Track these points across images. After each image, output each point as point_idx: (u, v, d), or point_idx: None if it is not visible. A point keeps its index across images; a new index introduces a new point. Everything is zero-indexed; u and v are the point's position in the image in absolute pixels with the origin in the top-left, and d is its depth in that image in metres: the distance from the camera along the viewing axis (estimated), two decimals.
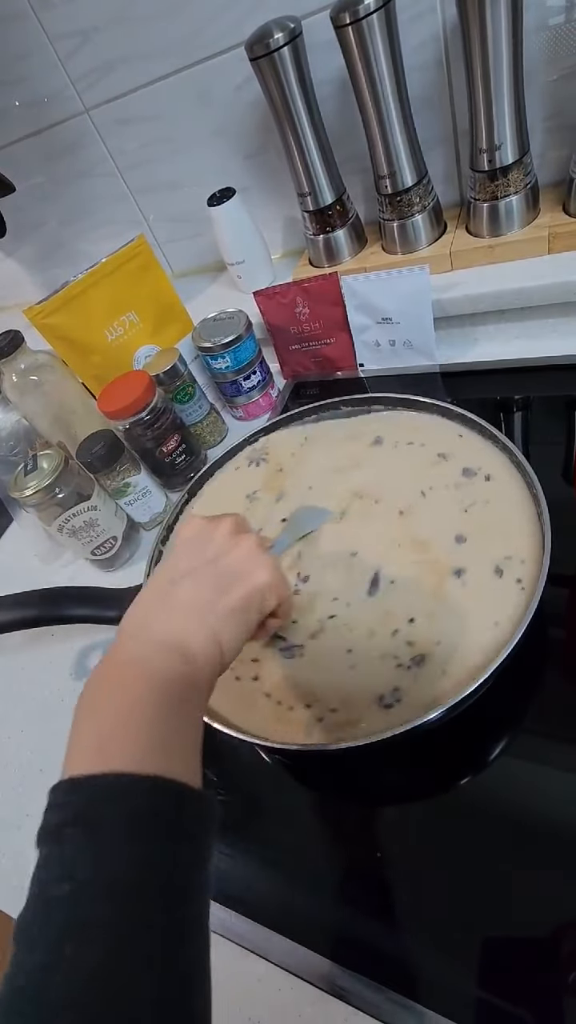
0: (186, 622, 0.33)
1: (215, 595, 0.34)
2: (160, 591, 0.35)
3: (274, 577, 0.37)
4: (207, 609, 0.34)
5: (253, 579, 0.36)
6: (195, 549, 0.37)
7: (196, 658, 0.32)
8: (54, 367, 0.71)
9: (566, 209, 0.63)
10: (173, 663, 0.31)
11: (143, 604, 0.35)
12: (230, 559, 0.36)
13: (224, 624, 0.34)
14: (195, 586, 0.35)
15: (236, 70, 0.70)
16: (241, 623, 0.35)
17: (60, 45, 0.75)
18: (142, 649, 0.32)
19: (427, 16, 0.60)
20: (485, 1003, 0.34)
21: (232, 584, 0.35)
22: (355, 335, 0.72)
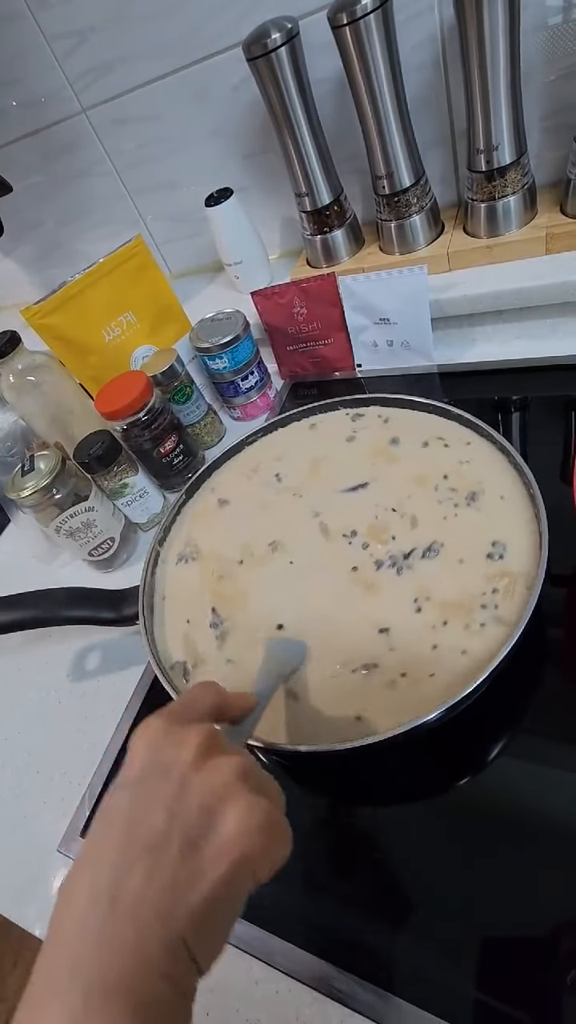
0: (141, 942, 0.22)
1: (183, 883, 0.24)
2: (100, 890, 0.23)
3: (272, 834, 0.26)
4: (169, 914, 0.23)
5: (234, 849, 0.24)
6: (152, 794, 0.26)
7: (158, 1003, 0.22)
8: (51, 367, 0.71)
9: (563, 209, 0.64)
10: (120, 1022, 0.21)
11: (75, 916, 0.23)
12: (200, 808, 0.25)
13: (200, 927, 0.23)
14: (152, 872, 0.23)
15: (233, 70, 0.70)
16: (224, 915, 0.25)
17: (57, 45, 0.75)
18: (70, 1014, 0.21)
19: (424, 16, 0.60)
20: (483, 1004, 0.34)
21: (210, 856, 0.24)
22: (353, 335, 0.72)
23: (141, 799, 0.26)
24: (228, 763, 0.27)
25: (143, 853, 0.24)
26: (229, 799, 0.25)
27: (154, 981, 0.22)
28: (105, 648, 0.61)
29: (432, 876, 0.39)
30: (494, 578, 0.43)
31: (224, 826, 0.25)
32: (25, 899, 0.47)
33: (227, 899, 0.25)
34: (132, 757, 0.28)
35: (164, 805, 0.25)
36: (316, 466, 0.56)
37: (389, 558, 0.46)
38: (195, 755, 0.27)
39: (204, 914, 0.23)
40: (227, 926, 0.25)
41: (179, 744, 0.27)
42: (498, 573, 0.43)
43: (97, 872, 0.24)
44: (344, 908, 0.40)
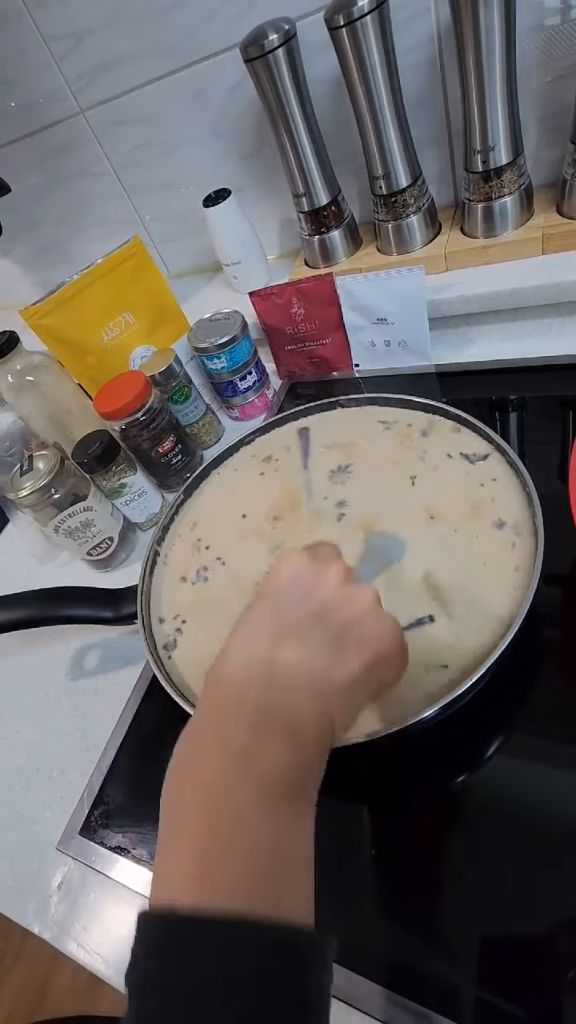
0: (296, 696, 0.27)
1: (331, 661, 0.28)
2: (259, 655, 0.28)
3: (397, 643, 0.31)
4: (322, 679, 0.27)
5: (375, 647, 0.29)
6: (299, 599, 0.30)
7: (309, 744, 0.26)
8: (50, 368, 0.71)
9: (560, 210, 0.64)
10: (283, 755, 0.25)
11: (236, 667, 0.28)
12: (345, 615, 0.30)
13: (341, 698, 0.28)
14: (305, 648, 0.28)
15: (231, 71, 0.70)
16: (360, 696, 0.29)
17: (55, 46, 0.75)
18: (244, 738, 0.25)
19: (421, 17, 0.61)
20: (483, 1002, 0.34)
21: (351, 651, 0.29)
22: (350, 335, 0.72)
23: (288, 602, 0.30)
24: (367, 589, 0.32)
25: (294, 637, 0.28)
26: (369, 613, 0.30)
27: (308, 731, 0.26)
28: (104, 647, 0.62)
29: (430, 874, 0.39)
30: None
31: (365, 628, 0.30)
32: (24, 897, 0.47)
33: (362, 687, 0.29)
34: (274, 576, 0.32)
35: (311, 608, 0.29)
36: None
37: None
38: (338, 580, 0.31)
39: (344, 694, 0.28)
40: (358, 709, 0.30)
41: (323, 572, 0.31)
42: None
43: (252, 646, 0.28)
44: (341, 906, 0.40)
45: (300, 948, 0.22)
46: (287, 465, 0.57)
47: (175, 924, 0.22)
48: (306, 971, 0.22)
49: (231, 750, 0.25)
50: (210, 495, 0.59)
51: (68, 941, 0.44)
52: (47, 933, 0.46)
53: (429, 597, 0.43)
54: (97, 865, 0.47)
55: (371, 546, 0.46)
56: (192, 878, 0.22)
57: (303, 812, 0.25)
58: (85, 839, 0.48)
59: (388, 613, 0.32)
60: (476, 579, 0.43)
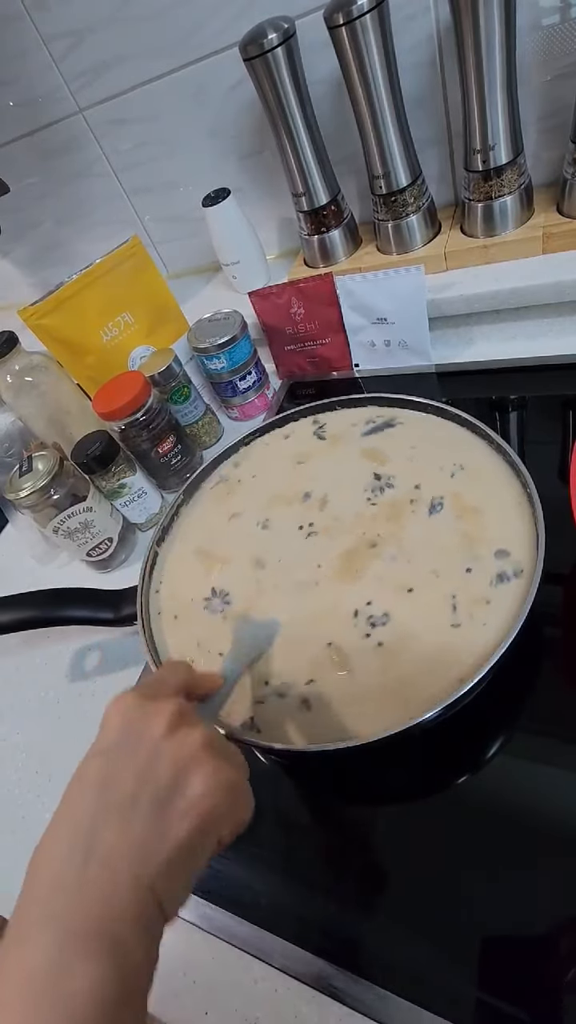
0: (113, 890, 0.24)
1: (154, 834, 0.26)
2: (80, 836, 0.26)
3: (228, 794, 0.28)
4: (143, 858, 0.25)
5: (206, 804, 0.27)
6: (126, 755, 0.28)
7: (129, 945, 0.23)
8: (49, 368, 0.71)
9: (560, 209, 0.64)
10: (98, 971, 0.22)
11: (52, 865, 0.26)
12: (171, 770, 0.28)
13: (168, 877, 0.26)
14: (127, 823, 0.26)
15: (230, 70, 0.70)
16: (190, 867, 0.27)
17: (54, 46, 0.75)
18: (46, 955, 0.23)
19: (420, 16, 0.61)
20: (482, 1003, 0.34)
21: (176, 813, 0.27)
22: (350, 335, 0.72)
23: (115, 764, 0.28)
24: (195, 733, 0.29)
25: (116, 811, 0.26)
26: (195, 765, 0.28)
27: (126, 925, 0.24)
28: (103, 648, 0.62)
29: (431, 875, 0.39)
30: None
31: (190, 788, 0.28)
32: None
33: (192, 854, 0.27)
34: (106, 727, 0.30)
35: (136, 770, 0.28)
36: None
37: (387, 554, 0.46)
38: (165, 726, 0.29)
39: (171, 865, 0.26)
40: (191, 878, 0.27)
41: (151, 716, 0.29)
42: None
43: (72, 828, 0.26)
44: (342, 907, 0.40)
45: None
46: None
47: None
48: None
49: (35, 978, 0.22)
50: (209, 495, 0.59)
51: None
52: None
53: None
54: None
55: (237, 634, 0.45)
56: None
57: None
58: None
59: (224, 755, 0.30)
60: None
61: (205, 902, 0.42)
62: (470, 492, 0.48)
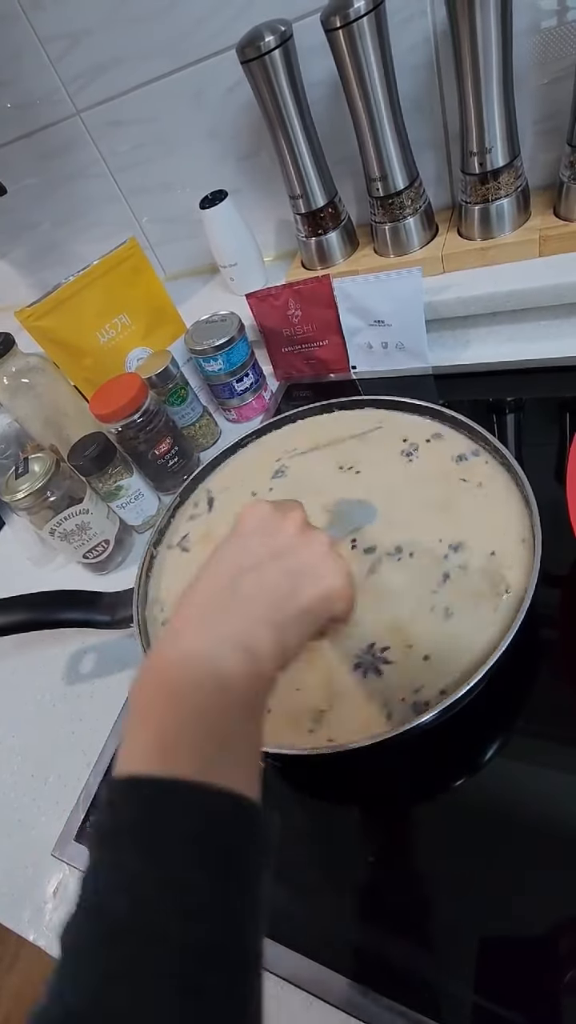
0: (253, 620, 0.30)
1: (285, 594, 0.32)
2: (221, 584, 0.32)
3: (347, 583, 0.34)
4: (275, 608, 0.31)
5: (326, 582, 0.33)
6: (261, 540, 0.34)
7: (263, 659, 0.29)
8: (46, 370, 0.71)
9: (556, 212, 0.64)
10: (241, 662, 0.28)
11: (202, 596, 0.31)
12: (301, 557, 0.33)
13: (291, 626, 0.31)
14: (262, 582, 0.32)
15: (228, 72, 0.70)
16: (308, 626, 0.32)
17: (51, 47, 0.75)
18: (205, 644, 0.29)
19: (417, 19, 0.61)
20: (480, 1007, 0.34)
21: (303, 584, 0.32)
22: (348, 337, 0.72)
23: (252, 542, 0.33)
24: (323, 536, 0.35)
25: (255, 570, 0.32)
26: (324, 555, 0.34)
27: (262, 648, 0.29)
28: (100, 651, 0.61)
29: (428, 877, 0.39)
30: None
31: (317, 568, 0.33)
32: (19, 903, 0.47)
33: (311, 619, 0.32)
34: (241, 522, 0.35)
35: (271, 548, 0.33)
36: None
37: (385, 556, 0.46)
38: (298, 526, 0.35)
39: (296, 620, 0.31)
40: (306, 638, 0.32)
41: (284, 517, 0.35)
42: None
43: (219, 575, 0.32)
44: (338, 911, 0.40)
45: (248, 812, 0.25)
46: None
47: (135, 784, 0.24)
48: (252, 832, 0.25)
49: (196, 654, 0.28)
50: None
51: None
52: (42, 940, 0.45)
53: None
54: None
55: (339, 511, 0.49)
56: (153, 752, 0.25)
57: (254, 713, 0.28)
58: (81, 845, 0.47)
59: (340, 557, 0.35)
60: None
61: None
62: (467, 494, 0.48)
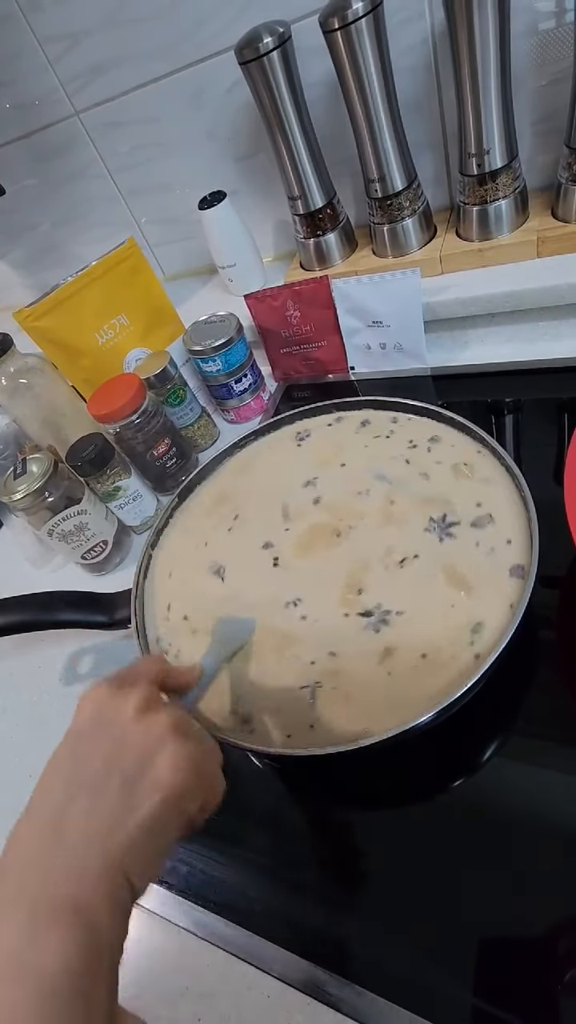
0: (83, 863, 0.25)
1: (122, 812, 0.27)
2: (52, 813, 0.27)
3: (193, 774, 0.29)
4: (108, 839, 0.26)
5: (172, 780, 0.28)
6: (97, 739, 0.29)
7: (99, 917, 0.24)
8: (44, 370, 0.71)
9: (554, 213, 0.64)
10: (67, 944, 0.23)
11: (25, 842, 0.27)
12: (139, 752, 0.29)
13: (134, 854, 0.26)
14: (96, 803, 0.27)
15: (226, 73, 0.70)
16: (157, 846, 0.28)
17: (49, 48, 0.75)
18: (17, 929, 0.23)
19: (415, 21, 0.61)
20: (478, 1008, 0.34)
21: (144, 790, 0.28)
22: (346, 338, 0.72)
23: (85, 747, 0.29)
24: (162, 717, 0.30)
25: (85, 790, 0.28)
26: (161, 746, 0.29)
27: (95, 898, 0.25)
28: (98, 651, 0.61)
29: (426, 879, 0.39)
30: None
31: (156, 767, 0.28)
32: None
33: (160, 829, 0.28)
34: (79, 714, 0.31)
35: (105, 752, 0.29)
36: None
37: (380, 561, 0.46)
38: (134, 711, 0.30)
39: (139, 841, 0.27)
40: (160, 856, 0.28)
41: (120, 702, 0.31)
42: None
43: (43, 809, 0.28)
44: (337, 912, 0.40)
45: None
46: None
47: None
48: None
49: (5, 954, 0.23)
50: (206, 498, 0.58)
51: None
52: None
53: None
54: None
55: (216, 628, 0.46)
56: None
57: (98, 997, 0.23)
58: None
59: (191, 736, 0.31)
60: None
61: (199, 908, 0.42)
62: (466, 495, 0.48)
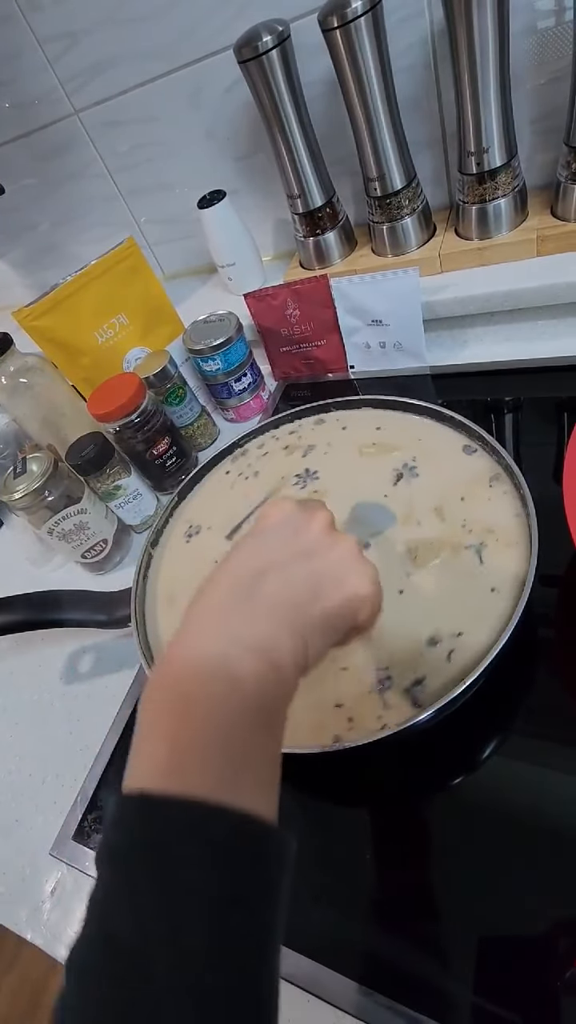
0: (276, 624, 0.28)
1: (309, 597, 0.30)
2: (240, 582, 0.30)
3: (375, 589, 0.33)
4: (299, 612, 0.29)
5: (353, 587, 0.31)
6: (286, 539, 0.32)
7: (285, 666, 0.27)
8: (44, 370, 0.71)
9: (554, 212, 0.64)
10: (261, 669, 0.26)
11: (218, 593, 0.30)
12: (328, 559, 0.32)
13: (315, 631, 0.29)
14: (286, 583, 0.30)
15: (226, 72, 0.70)
16: (333, 631, 0.31)
17: (49, 47, 0.75)
18: (223, 648, 0.27)
19: (415, 19, 0.61)
20: (479, 1007, 0.34)
21: (329, 588, 0.31)
22: (345, 337, 0.72)
23: (274, 539, 0.32)
24: (349, 537, 0.34)
25: (275, 572, 0.30)
26: (349, 557, 0.32)
27: (283, 652, 0.27)
28: (98, 650, 0.61)
29: (426, 877, 0.39)
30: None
31: (343, 571, 0.31)
32: (16, 903, 0.47)
33: (337, 621, 0.31)
34: (264, 518, 0.34)
35: (295, 547, 0.32)
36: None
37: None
38: (324, 526, 0.33)
39: (320, 625, 0.29)
40: (329, 643, 0.31)
41: (310, 517, 0.33)
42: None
43: (233, 579, 0.30)
44: (336, 910, 0.40)
45: (261, 833, 0.23)
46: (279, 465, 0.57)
47: (146, 802, 0.23)
48: (265, 854, 0.23)
49: (212, 658, 0.26)
50: (205, 497, 0.59)
51: (61, 947, 0.44)
52: (40, 939, 0.45)
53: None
54: (90, 871, 0.46)
55: (358, 516, 0.48)
56: (164, 767, 0.24)
57: (273, 723, 0.27)
58: (78, 844, 0.47)
59: (367, 560, 0.33)
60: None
61: None
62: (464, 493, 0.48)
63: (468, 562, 0.44)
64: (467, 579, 0.43)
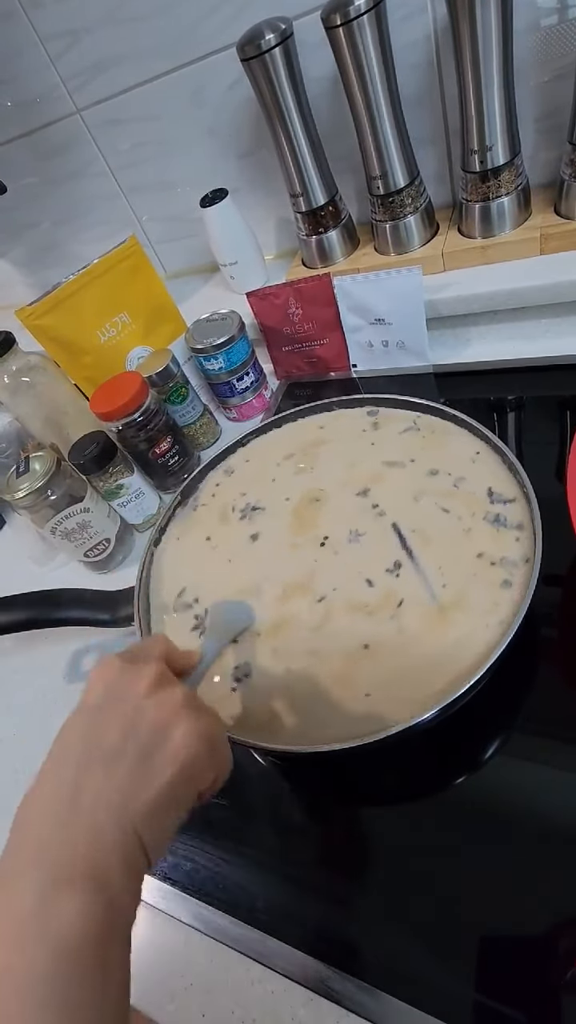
0: (98, 833, 0.25)
1: (137, 782, 0.27)
2: (65, 783, 0.27)
3: (212, 745, 0.30)
4: (127, 807, 0.26)
5: (184, 754, 0.28)
6: (108, 713, 0.29)
7: (114, 883, 0.25)
8: (46, 368, 0.71)
9: (557, 210, 0.64)
10: (84, 906, 0.23)
11: (44, 802, 0.27)
12: (154, 725, 0.29)
13: (150, 819, 0.27)
14: (109, 774, 0.27)
15: (228, 70, 0.70)
16: (174, 808, 0.28)
17: (51, 45, 0.75)
18: (35, 892, 0.24)
19: (418, 16, 0.60)
20: (480, 1004, 0.34)
21: (158, 760, 0.28)
22: (348, 336, 0.72)
23: (99, 721, 0.29)
24: (176, 692, 0.31)
25: (100, 762, 0.28)
26: (176, 719, 0.30)
27: (111, 864, 0.25)
28: (101, 649, 0.61)
29: (429, 876, 0.39)
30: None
31: (172, 740, 0.29)
32: None
33: (174, 801, 0.28)
34: (90, 688, 0.31)
35: (120, 726, 0.29)
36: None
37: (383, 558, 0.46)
38: (147, 686, 0.30)
39: (154, 810, 0.27)
40: (171, 829, 0.29)
41: (133, 678, 0.31)
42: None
43: (57, 780, 0.28)
44: (339, 908, 0.40)
45: None
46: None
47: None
48: None
49: (22, 917, 0.23)
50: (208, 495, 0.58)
51: None
52: None
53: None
54: None
55: (215, 611, 0.47)
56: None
57: (113, 960, 0.24)
58: None
59: (202, 712, 0.31)
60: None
61: (203, 904, 0.42)
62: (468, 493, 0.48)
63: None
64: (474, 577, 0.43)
